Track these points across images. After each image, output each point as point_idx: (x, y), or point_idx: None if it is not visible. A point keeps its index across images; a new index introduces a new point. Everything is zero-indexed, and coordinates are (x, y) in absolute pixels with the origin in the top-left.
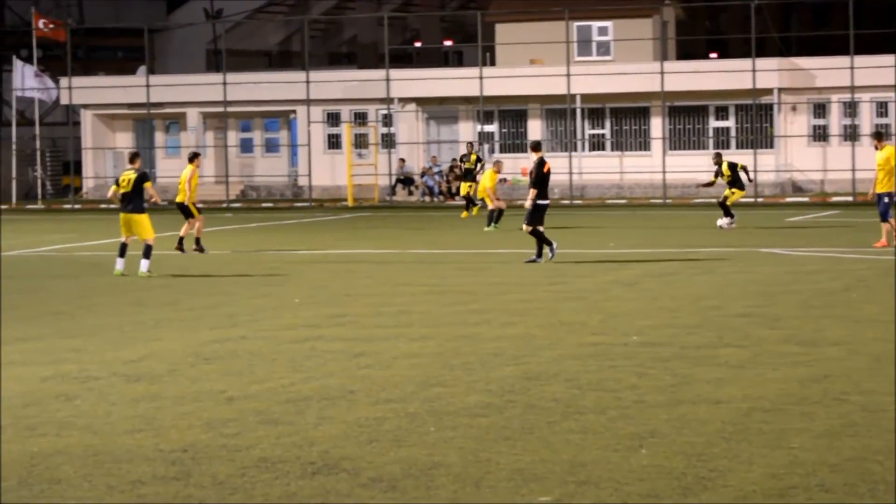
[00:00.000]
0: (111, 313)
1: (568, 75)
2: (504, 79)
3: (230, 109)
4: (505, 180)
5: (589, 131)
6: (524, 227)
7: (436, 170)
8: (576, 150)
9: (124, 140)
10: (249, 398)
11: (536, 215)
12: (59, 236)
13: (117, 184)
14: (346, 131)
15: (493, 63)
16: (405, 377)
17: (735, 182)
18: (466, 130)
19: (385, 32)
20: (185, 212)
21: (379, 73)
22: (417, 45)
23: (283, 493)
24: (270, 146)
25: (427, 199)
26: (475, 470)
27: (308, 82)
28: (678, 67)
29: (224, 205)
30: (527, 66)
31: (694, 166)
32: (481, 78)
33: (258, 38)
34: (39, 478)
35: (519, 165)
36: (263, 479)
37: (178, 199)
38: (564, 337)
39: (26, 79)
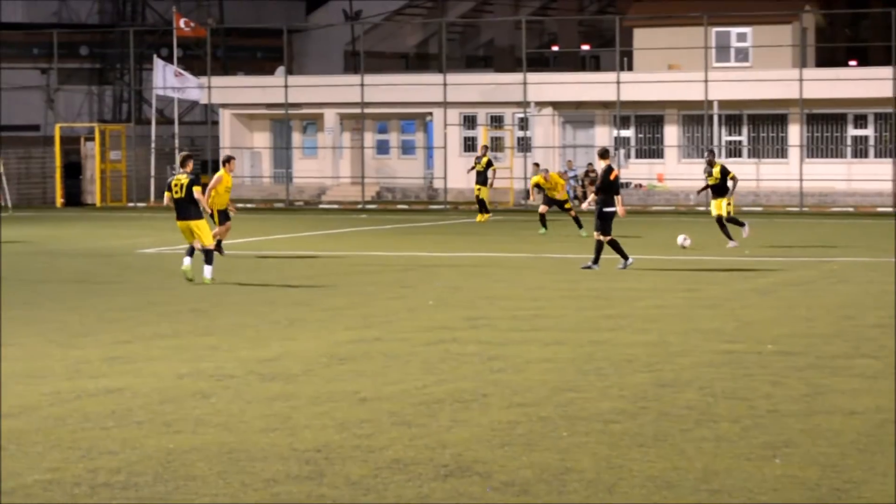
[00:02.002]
0: (246, 312)
1: (706, 81)
2: (641, 84)
3: (367, 111)
4: (641, 186)
5: (726, 138)
6: (595, 234)
7: (571, 174)
8: None
9: (262, 140)
10: (383, 399)
11: (606, 223)
12: None
13: (170, 189)
14: (482, 134)
15: (630, 68)
16: (538, 381)
17: (722, 190)
18: (603, 135)
19: (523, 36)
20: (219, 216)
21: (516, 77)
22: (555, 49)
23: (415, 495)
24: (406, 148)
25: None
26: (608, 476)
27: (445, 85)
28: (817, 75)
29: (359, 206)
30: (664, 71)
31: (831, 174)
32: (618, 83)
33: (396, 39)
34: (175, 474)
35: (654, 171)
36: (396, 481)
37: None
38: (698, 344)
39: (166, 78)
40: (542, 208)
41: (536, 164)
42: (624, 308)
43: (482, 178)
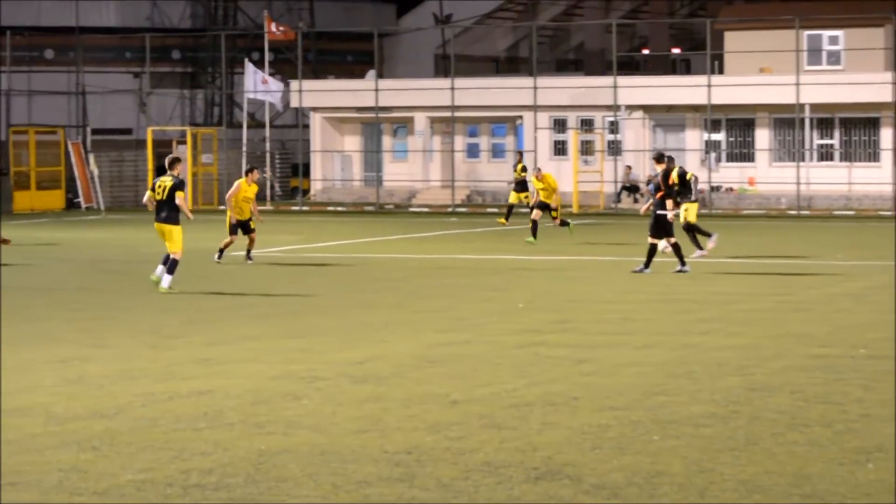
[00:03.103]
0: (337, 314)
1: (797, 84)
2: (732, 87)
3: (457, 114)
4: (732, 189)
5: (817, 141)
6: (650, 238)
7: None
8: (804, 160)
9: (352, 143)
10: (473, 402)
11: (665, 226)
12: (287, 237)
13: (153, 190)
14: (572, 138)
15: (721, 71)
16: (629, 385)
17: (685, 194)
18: (693, 138)
19: (613, 39)
20: (241, 227)
21: (606, 80)
22: (645, 52)
23: (506, 498)
24: (497, 151)
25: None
26: (699, 479)
27: (535, 88)
28: None
29: (449, 209)
30: (756, 74)
31: None
32: (709, 86)
33: (486, 43)
34: (266, 475)
35: (745, 175)
36: (487, 483)
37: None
38: (790, 348)
39: (257, 82)
40: (536, 213)
41: (538, 168)
42: (715, 312)
43: (521, 186)
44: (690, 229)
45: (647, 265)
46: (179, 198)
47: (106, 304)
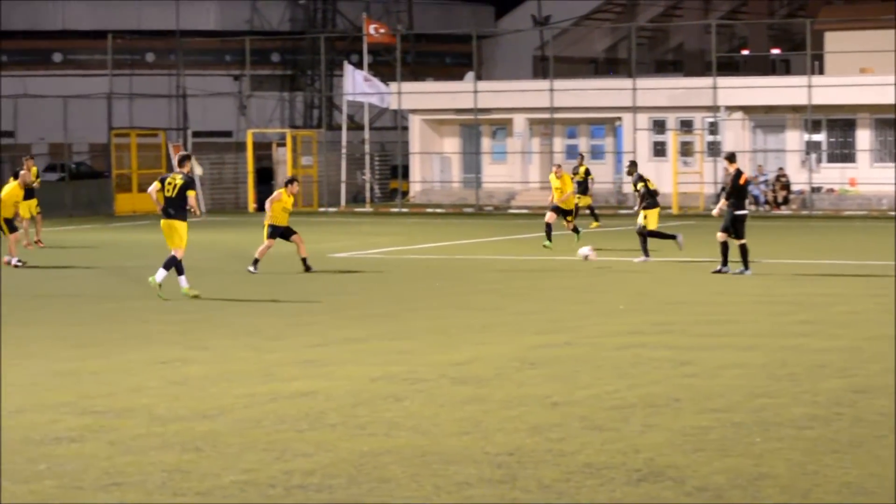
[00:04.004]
0: (437, 316)
1: None
2: (833, 87)
3: (556, 116)
4: (832, 190)
5: None
6: (719, 236)
7: (762, 179)
8: None
9: (451, 145)
10: (574, 404)
11: (738, 227)
12: (387, 239)
13: (162, 185)
14: (671, 139)
15: (821, 72)
16: (730, 387)
17: (649, 201)
18: (793, 139)
19: (713, 40)
20: (280, 234)
21: (705, 81)
22: (745, 52)
23: (608, 499)
24: (596, 153)
25: (752, 207)
26: (802, 482)
27: (634, 89)
28: None
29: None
30: (856, 74)
31: None
32: (809, 87)
33: (585, 44)
34: (368, 476)
35: (846, 176)
36: (588, 485)
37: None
38: (890, 351)
39: (357, 84)
40: (550, 216)
41: (558, 165)
42: (815, 314)
43: (582, 188)
44: (644, 234)
45: (724, 263)
46: (191, 197)
47: (205, 305)
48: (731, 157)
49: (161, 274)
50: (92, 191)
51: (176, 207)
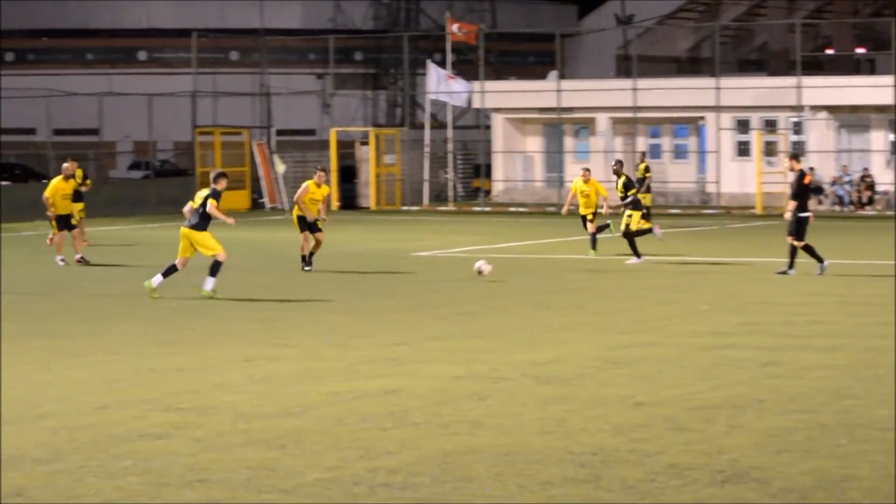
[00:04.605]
0: (518, 315)
1: None
2: None
3: (639, 115)
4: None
5: None
6: (788, 239)
7: (846, 179)
8: None
9: (534, 144)
10: (658, 404)
11: (800, 228)
12: (469, 238)
13: (193, 200)
14: (755, 139)
15: None
16: (815, 388)
17: (635, 202)
18: (878, 140)
19: (797, 39)
20: (309, 227)
21: (789, 81)
22: (829, 52)
23: (692, 500)
24: (679, 152)
25: (837, 208)
26: (888, 484)
27: (718, 89)
28: None
29: None
30: None
31: None
32: None
33: (668, 43)
34: (452, 475)
35: None
36: (672, 486)
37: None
38: None
39: (440, 82)
40: (591, 226)
41: (587, 170)
42: None
43: (642, 186)
44: (630, 236)
45: (791, 266)
46: (211, 205)
47: (289, 304)
48: (795, 156)
49: (210, 282)
50: (176, 188)
51: (198, 217)
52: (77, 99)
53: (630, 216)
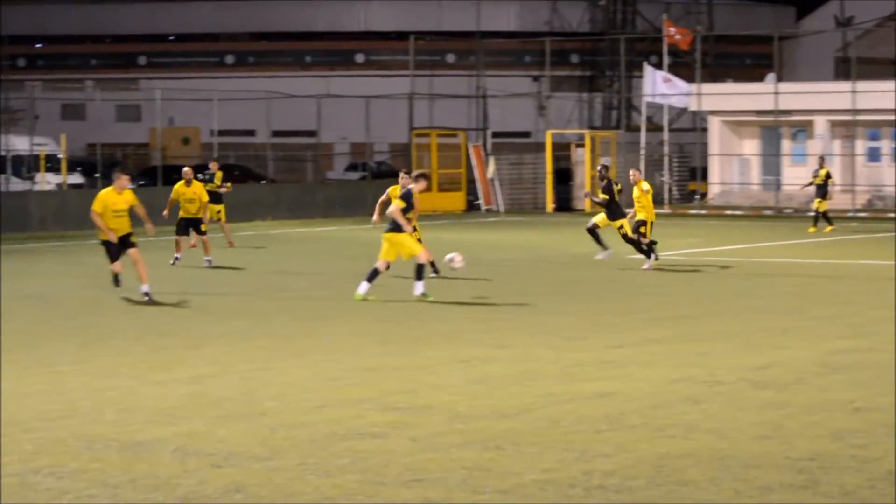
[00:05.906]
0: (735, 319)
1: None
2: None
3: (858, 118)
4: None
5: None
6: None
7: None
8: None
9: (751, 147)
10: (878, 410)
11: None
12: (686, 241)
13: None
14: None
15: None
16: None
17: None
18: None
19: None
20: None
21: None
22: None
23: None
24: None
25: None
26: None
27: None
28: None
29: (849, 214)
30: None
31: None
32: None
33: (889, 45)
34: (668, 479)
35: None
36: (893, 493)
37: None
38: None
39: (656, 84)
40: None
41: (638, 170)
42: None
43: (822, 191)
44: (630, 241)
45: None
46: (394, 206)
47: (507, 306)
48: None
49: (364, 287)
50: None
51: (392, 224)
52: (295, 101)
53: (622, 226)
